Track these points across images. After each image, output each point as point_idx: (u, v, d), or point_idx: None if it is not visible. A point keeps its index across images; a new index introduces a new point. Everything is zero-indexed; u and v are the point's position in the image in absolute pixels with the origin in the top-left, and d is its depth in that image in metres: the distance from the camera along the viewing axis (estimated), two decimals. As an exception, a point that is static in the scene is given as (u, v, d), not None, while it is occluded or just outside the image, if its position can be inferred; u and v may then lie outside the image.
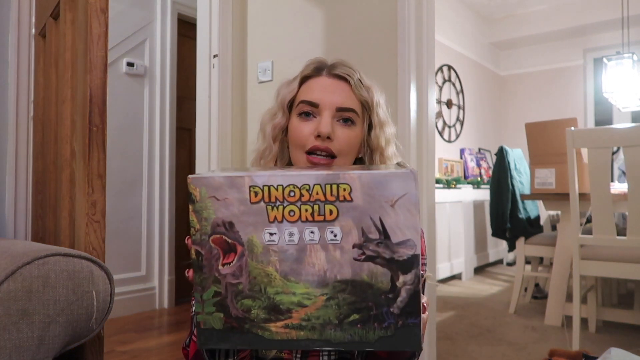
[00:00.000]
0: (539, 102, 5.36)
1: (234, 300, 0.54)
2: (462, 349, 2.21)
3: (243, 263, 0.53)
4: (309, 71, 0.85)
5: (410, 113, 1.72)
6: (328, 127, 0.79)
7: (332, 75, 0.84)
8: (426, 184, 1.77)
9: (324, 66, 0.86)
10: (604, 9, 4.60)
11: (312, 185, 0.51)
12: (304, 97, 0.83)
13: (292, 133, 0.84)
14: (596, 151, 1.98)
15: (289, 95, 0.85)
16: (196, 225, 0.53)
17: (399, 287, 0.51)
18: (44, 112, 1.40)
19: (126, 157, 2.84)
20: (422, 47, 1.76)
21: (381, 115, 0.86)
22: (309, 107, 0.82)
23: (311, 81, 0.85)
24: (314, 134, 0.80)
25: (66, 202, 1.13)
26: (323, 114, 0.81)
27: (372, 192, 0.50)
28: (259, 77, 2.16)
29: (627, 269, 2.00)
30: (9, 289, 0.78)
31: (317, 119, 0.82)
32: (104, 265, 0.93)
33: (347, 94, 0.83)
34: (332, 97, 0.81)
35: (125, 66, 2.83)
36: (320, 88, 0.83)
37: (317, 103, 0.81)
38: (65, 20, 1.18)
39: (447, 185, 3.85)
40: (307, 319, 0.53)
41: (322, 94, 0.82)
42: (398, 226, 0.50)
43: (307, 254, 0.52)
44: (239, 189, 0.52)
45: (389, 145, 0.87)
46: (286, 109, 0.86)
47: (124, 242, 2.81)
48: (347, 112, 0.82)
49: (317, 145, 0.80)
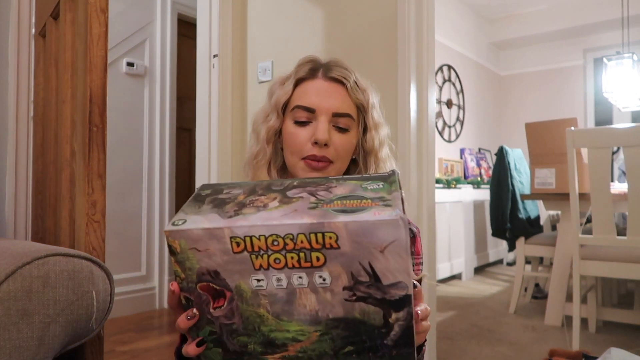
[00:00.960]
0: (539, 102, 5.36)
1: (229, 337, 0.54)
2: (462, 349, 2.21)
3: (234, 306, 0.52)
4: (304, 73, 0.83)
5: (410, 113, 1.72)
6: (325, 134, 0.78)
7: (328, 78, 0.82)
8: (426, 184, 1.77)
9: (319, 67, 0.83)
10: (604, 9, 4.60)
11: (295, 234, 0.48)
12: (299, 102, 0.81)
13: (287, 139, 0.82)
14: (596, 151, 1.98)
15: (283, 97, 0.83)
16: (181, 274, 0.52)
17: (392, 323, 0.51)
18: (44, 112, 1.40)
19: (126, 157, 2.84)
20: (422, 47, 1.76)
21: (375, 117, 0.85)
22: (305, 112, 0.80)
23: (306, 84, 0.82)
24: (310, 141, 0.79)
25: (66, 202, 1.13)
26: (319, 119, 0.79)
27: (359, 240, 0.48)
28: (259, 77, 2.16)
29: (627, 269, 2.00)
30: (9, 289, 0.78)
31: (313, 124, 0.80)
32: (104, 265, 0.93)
33: (343, 98, 0.81)
34: (329, 102, 0.80)
35: (125, 66, 2.83)
36: (316, 92, 0.81)
37: (314, 108, 0.79)
38: (65, 20, 1.18)
39: (447, 185, 3.85)
40: (303, 352, 0.53)
41: (318, 99, 0.80)
42: (389, 270, 0.49)
43: (297, 297, 0.51)
44: (219, 240, 0.50)
45: (383, 147, 0.86)
46: (280, 111, 0.83)
47: (124, 242, 2.81)
48: (343, 118, 0.81)
49: (314, 154, 0.79)
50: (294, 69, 0.85)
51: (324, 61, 0.85)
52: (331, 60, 0.85)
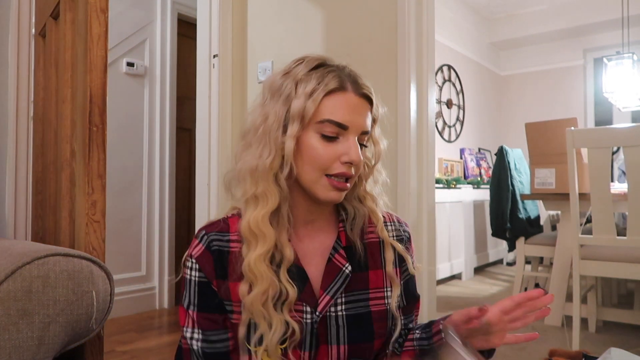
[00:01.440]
0: (539, 102, 5.36)
1: None
2: (462, 349, 2.20)
3: None
4: (335, 85, 0.76)
5: (410, 113, 1.72)
6: (359, 155, 0.76)
7: (359, 94, 0.78)
8: (426, 184, 1.77)
9: (344, 78, 0.78)
10: (604, 9, 4.60)
11: None
12: (331, 117, 0.75)
13: (310, 153, 0.76)
14: (596, 151, 1.98)
15: (312, 108, 0.75)
16: None
17: None
18: (44, 112, 1.40)
19: (126, 157, 2.84)
20: (422, 47, 1.76)
21: (378, 132, 0.84)
22: (337, 128, 0.75)
23: (337, 97, 0.76)
24: (339, 159, 0.76)
25: (66, 202, 1.12)
26: (349, 137, 0.76)
27: None
28: (259, 77, 2.16)
29: (627, 269, 2.00)
30: (9, 289, 0.78)
31: (341, 140, 0.76)
32: (104, 265, 0.92)
33: (367, 115, 0.79)
34: (359, 120, 0.77)
35: (125, 66, 2.83)
36: (348, 108, 0.76)
37: (347, 126, 0.76)
38: (65, 20, 1.18)
39: (447, 185, 3.85)
40: None
41: (351, 116, 0.76)
42: None
43: None
44: None
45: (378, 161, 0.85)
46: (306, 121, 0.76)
47: (124, 242, 2.81)
48: (366, 135, 0.80)
49: (344, 172, 0.76)
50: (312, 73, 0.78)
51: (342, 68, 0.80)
52: (349, 69, 0.81)
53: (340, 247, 0.82)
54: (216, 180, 2.15)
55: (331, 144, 0.76)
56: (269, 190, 0.76)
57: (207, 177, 2.17)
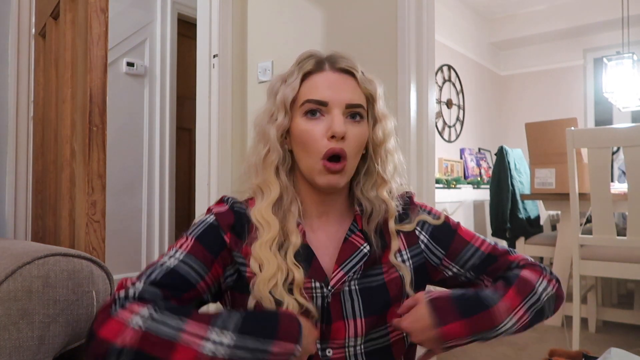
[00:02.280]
0: (539, 102, 5.36)
1: None
2: (462, 349, 2.21)
3: None
4: (311, 66, 0.79)
5: (410, 113, 1.72)
6: (342, 126, 0.75)
7: (337, 69, 0.79)
8: (426, 184, 1.77)
9: (324, 59, 0.81)
10: (604, 9, 4.60)
11: None
12: (310, 96, 0.77)
13: (300, 137, 0.78)
14: (596, 151, 1.98)
15: (290, 93, 0.78)
16: None
17: None
18: (44, 112, 1.40)
19: (126, 157, 2.84)
20: (422, 47, 1.76)
21: (383, 108, 0.84)
22: (317, 106, 0.77)
23: (314, 77, 0.79)
24: (326, 135, 0.76)
25: (66, 202, 1.13)
26: (333, 112, 0.76)
27: None
28: (259, 77, 2.16)
29: (627, 269, 2.00)
30: (9, 289, 0.78)
31: (326, 117, 0.77)
32: (104, 265, 0.93)
33: (354, 89, 0.79)
34: (341, 94, 0.77)
35: (125, 66, 2.83)
36: (326, 84, 0.78)
37: (327, 101, 0.76)
38: (65, 20, 1.18)
39: (447, 185, 3.85)
40: None
41: (330, 91, 0.77)
42: None
43: None
44: None
45: (390, 138, 0.84)
46: (288, 109, 0.79)
47: (124, 242, 2.81)
48: (356, 109, 0.78)
49: (334, 148, 0.75)
50: (296, 65, 0.82)
51: (325, 54, 0.82)
52: (333, 52, 0.82)
53: (356, 229, 0.82)
54: (216, 180, 2.15)
55: (316, 122, 0.77)
56: (269, 181, 0.79)
57: (207, 177, 2.17)
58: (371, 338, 0.78)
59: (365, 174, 0.84)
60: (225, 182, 2.14)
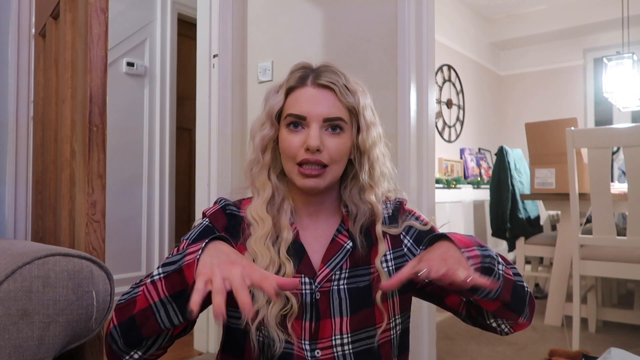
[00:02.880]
0: (539, 102, 5.36)
1: None
2: (462, 349, 2.21)
3: None
4: (294, 82, 0.86)
5: (410, 113, 1.72)
6: (316, 140, 0.81)
7: (317, 85, 0.84)
8: (426, 184, 1.77)
9: (308, 74, 0.86)
10: (604, 9, 4.60)
11: None
12: (290, 110, 0.84)
13: (282, 145, 0.85)
14: (596, 151, 1.98)
15: (276, 106, 0.86)
16: None
17: None
18: (44, 112, 1.40)
19: (126, 157, 2.84)
20: (422, 47, 1.76)
21: (367, 118, 0.87)
22: (297, 120, 0.83)
23: (297, 92, 0.85)
24: (303, 147, 0.82)
25: (66, 202, 1.13)
26: (311, 126, 0.82)
27: None
28: (259, 77, 2.16)
29: (627, 269, 2.00)
30: (9, 289, 0.78)
31: (306, 130, 0.83)
32: (104, 265, 0.93)
33: (333, 103, 0.84)
34: (318, 109, 0.82)
35: (125, 66, 2.83)
36: (306, 100, 0.83)
37: (304, 116, 0.82)
38: (65, 20, 1.18)
39: (447, 185, 3.85)
40: None
41: (308, 106, 0.83)
42: None
43: None
44: None
45: (375, 146, 0.88)
46: (275, 120, 0.87)
47: (124, 242, 2.81)
48: (334, 122, 0.83)
49: (307, 158, 0.81)
50: (286, 77, 0.88)
51: (315, 67, 0.88)
52: (322, 65, 0.88)
53: (343, 229, 0.88)
54: (216, 180, 2.15)
55: (295, 134, 0.83)
56: (262, 182, 0.88)
57: (207, 177, 2.17)
58: (359, 339, 0.83)
59: (353, 179, 0.90)
60: (225, 182, 2.14)
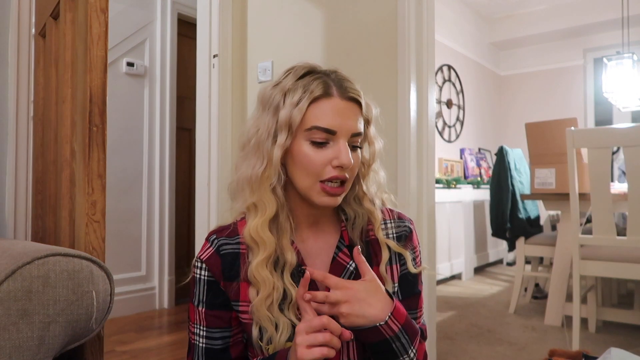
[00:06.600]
0: (539, 102, 5.36)
1: None
2: (462, 349, 2.21)
3: None
4: (320, 91, 0.78)
5: (410, 113, 1.72)
6: (350, 158, 0.76)
7: (345, 97, 0.79)
8: (426, 184, 1.77)
9: (329, 83, 0.79)
10: (604, 9, 4.60)
11: None
12: (318, 123, 0.77)
13: (302, 160, 0.78)
14: (596, 151, 1.98)
15: (298, 116, 0.77)
16: None
17: None
18: (44, 112, 1.40)
19: (126, 157, 2.84)
20: (422, 47, 1.76)
21: (373, 132, 0.86)
22: (325, 134, 0.77)
23: (322, 103, 0.77)
24: (331, 164, 0.77)
25: (66, 202, 1.12)
26: (339, 141, 0.77)
27: None
28: (259, 77, 2.16)
29: (627, 269, 2.00)
30: (9, 289, 0.78)
31: (331, 145, 0.78)
32: (104, 265, 0.92)
33: (358, 117, 0.80)
34: (348, 123, 0.78)
35: (125, 66, 2.83)
36: (335, 113, 0.77)
37: (335, 130, 0.77)
38: (65, 20, 1.18)
39: (447, 185, 3.85)
40: None
41: (338, 120, 0.77)
42: None
43: None
44: None
45: (377, 159, 0.87)
46: (294, 130, 0.78)
47: (124, 242, 2.81)
48: (358, 137, 0.80)
49: (336, 175, 0.77)
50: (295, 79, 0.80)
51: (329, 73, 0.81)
52: (336, 73, 0.82)
53: (343, 245, 0.85)
54: (216, 180, 2.15)
55: (322, 150, 0.77)
56: (266, 199, 0.79)
57: (207, 177, 2.17)
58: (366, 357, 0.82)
59: (352, 188, 0.86)
60: (225, 182, 2.13)
